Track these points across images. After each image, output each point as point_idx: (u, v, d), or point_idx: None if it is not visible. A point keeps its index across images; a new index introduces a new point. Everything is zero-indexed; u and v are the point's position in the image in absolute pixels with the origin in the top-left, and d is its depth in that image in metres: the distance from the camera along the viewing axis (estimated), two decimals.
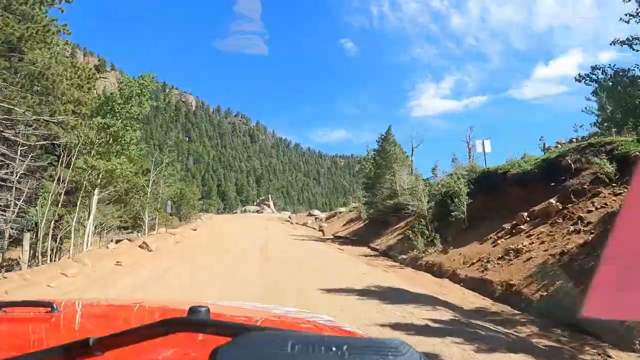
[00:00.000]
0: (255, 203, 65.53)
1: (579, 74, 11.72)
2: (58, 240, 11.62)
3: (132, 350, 0.49)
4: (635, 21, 9.40)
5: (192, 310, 0.56)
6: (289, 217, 37.07)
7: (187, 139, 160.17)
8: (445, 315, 4.99)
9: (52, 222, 10.56)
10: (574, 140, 13.46)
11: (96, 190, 13.78)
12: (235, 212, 60.74)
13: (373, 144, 19.10)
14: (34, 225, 10.44)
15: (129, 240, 12.47)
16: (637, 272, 0.36)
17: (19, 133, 9.38)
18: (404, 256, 10.41)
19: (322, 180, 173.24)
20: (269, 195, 68.33)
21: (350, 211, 26.31)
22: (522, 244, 7.33)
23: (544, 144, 14.60)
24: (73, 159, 10.65)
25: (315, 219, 32.65)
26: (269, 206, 60.02)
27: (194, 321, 0.47)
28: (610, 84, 10.99)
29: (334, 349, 0.35)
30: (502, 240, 8.12)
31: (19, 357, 0.48)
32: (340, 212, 28.38)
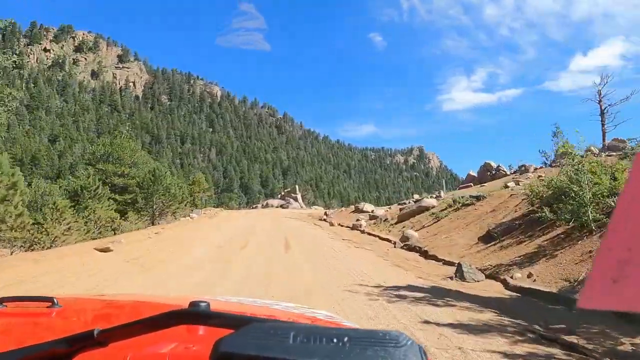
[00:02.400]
0: (279, 196, 52.56)
1: None
2: None
3: (133, 344, 0.49)
4: None
5: (193, 305, 0.56)
6: (325, 215, 23.66)
7: (211, 129, 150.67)
8: None
9: None
10: None
11: None
12: (255, 207, 48.71)
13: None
14: None
15: None
16: (633, 263, 0.36)
17: None
18: None
19: (352, 174, 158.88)
20: (296, 187, 54.98)
21: (471, 204, 12.44)
22: None
23: None
24: None
25: (370, 217, 19.01)
26: (296, 199, 46.86)
27: (199, 313, 0.48)
28: None
29: (335, 340, 0.36)
30: None
31: (24, 348, 0.48)
32: (431, 207, 14.61)
